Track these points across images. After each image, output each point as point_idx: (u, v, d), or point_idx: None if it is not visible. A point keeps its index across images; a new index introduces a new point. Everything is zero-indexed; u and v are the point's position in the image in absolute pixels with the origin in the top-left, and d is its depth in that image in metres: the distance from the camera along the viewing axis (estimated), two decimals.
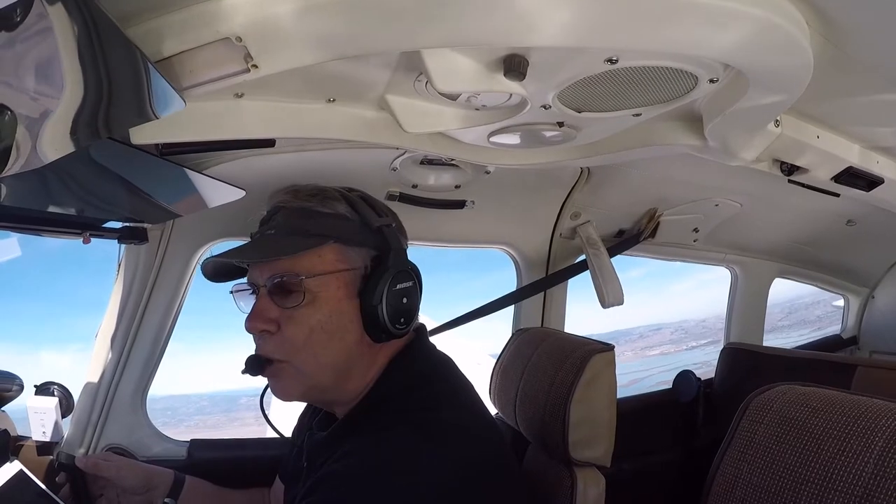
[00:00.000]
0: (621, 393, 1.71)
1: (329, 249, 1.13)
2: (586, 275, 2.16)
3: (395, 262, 1.15)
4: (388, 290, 1.12)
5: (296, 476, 1.25)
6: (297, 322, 1.11)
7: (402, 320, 1.15)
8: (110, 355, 1.73)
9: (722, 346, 2.74)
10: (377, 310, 1.11)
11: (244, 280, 1.21)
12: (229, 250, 1.17)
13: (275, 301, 1.12)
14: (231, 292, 1.23)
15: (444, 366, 1.23)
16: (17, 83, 0.71)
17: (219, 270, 1.25)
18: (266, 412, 1.31)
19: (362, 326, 1.13)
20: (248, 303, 1.18)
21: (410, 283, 1.17)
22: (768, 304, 3.10)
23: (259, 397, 1.27)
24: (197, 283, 1.29)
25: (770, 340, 3.18)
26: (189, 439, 1.89)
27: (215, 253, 1.49)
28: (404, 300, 1.15)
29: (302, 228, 1.14)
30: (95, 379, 1.74)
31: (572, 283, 2.33)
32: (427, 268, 1.26)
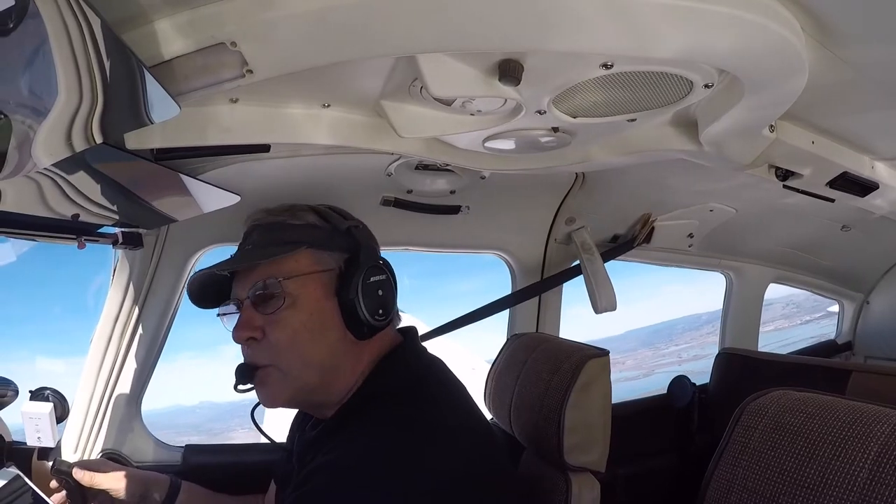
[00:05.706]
0: None
1: (304, 254, 1.19)
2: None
3: (366, 257, 1.20)
4: (363, 283, 1.17)
5: (287, 478, 1.26)
6: (281, 325, 1.15)
7: (381, 311, 1.19)
8: (105, 361, 1.72)
9: (718, 351, 2.74)
10: (355, 303, 1.15)
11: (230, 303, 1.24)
12: (213, 265, 1.23)
13: (258, 310, 1.16)
14: (218, 315, 1.26)
15: (435, 366, 1.24)
16: (11, 87, 0.71)
17: (204, 296, 1.28)
18: (259, 424, 1.33)
19: (343, 323, 1.17)
20: (234, 323, 1.21)
21: (383, 276, 1.22)
22: None
23: (250, 410, 1.29)
24: None
25: None
26: (184, 445, 1.89)
27: (210, 258, 1.50)
28: (379, 292, 1.19)
29: (277, 239, 1.22)
30: (90, 384, 1.73)
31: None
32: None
